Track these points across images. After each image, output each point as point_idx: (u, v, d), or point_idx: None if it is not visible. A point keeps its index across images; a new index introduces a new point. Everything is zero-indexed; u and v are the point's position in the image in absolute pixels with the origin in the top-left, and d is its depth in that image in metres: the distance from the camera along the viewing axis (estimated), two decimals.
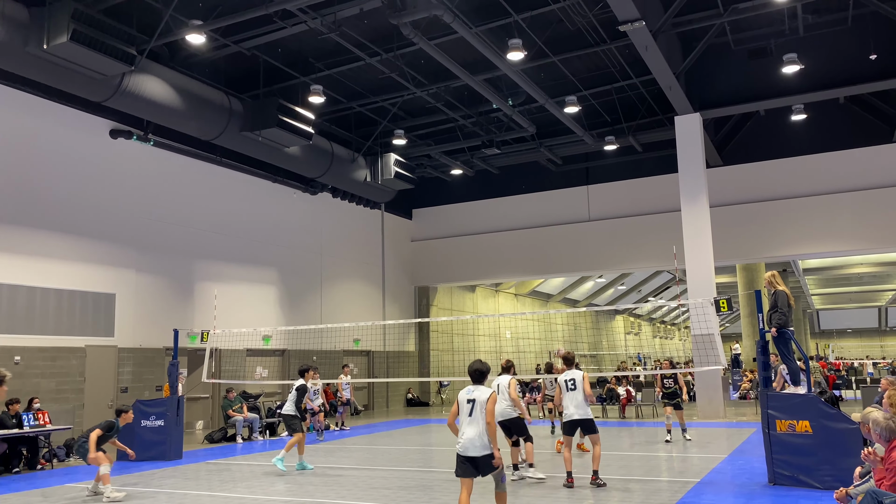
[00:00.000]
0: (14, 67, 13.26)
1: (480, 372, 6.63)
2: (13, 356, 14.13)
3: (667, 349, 61.63)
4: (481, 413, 6.37)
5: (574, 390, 9.50)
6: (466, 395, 6.56)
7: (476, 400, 6.44)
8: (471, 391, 6.55)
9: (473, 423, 6.38)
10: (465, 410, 6.48)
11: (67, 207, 15.48)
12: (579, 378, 9.55)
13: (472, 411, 6.44)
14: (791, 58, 16.95)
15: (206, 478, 10.85)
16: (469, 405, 6.46)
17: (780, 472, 8.89)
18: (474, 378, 6.64)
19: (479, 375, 6.62)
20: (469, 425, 6.39)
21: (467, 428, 6.40)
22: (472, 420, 6.40)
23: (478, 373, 6.62)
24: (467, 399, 6.50)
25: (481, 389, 6.52)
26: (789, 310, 9.51)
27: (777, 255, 22.20)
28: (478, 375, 6.62)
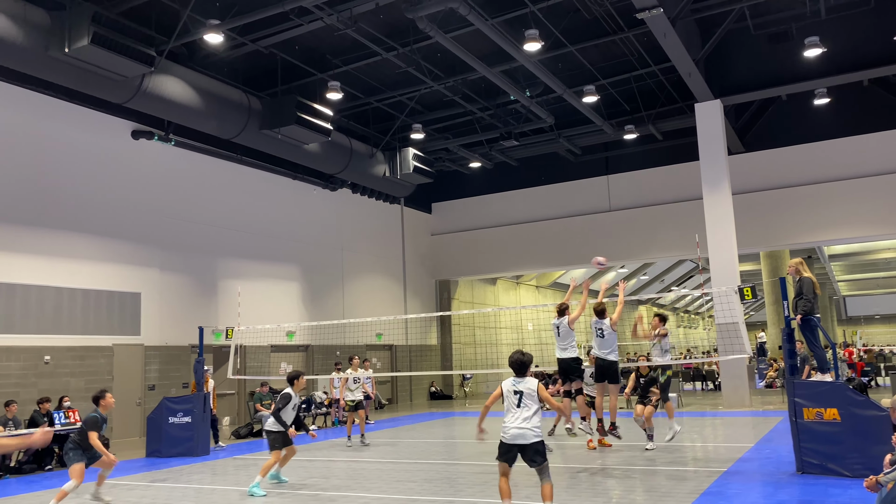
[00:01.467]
0: (37, 71, 13.45)
1: (522, 363, 6.74)
2: (43, 356, 14.39)
3: (691, 338, 61.17)
4: (533, 401, 6.53)
5: (602, 337, 10.24)
6: (512, 386, 6.66)
7: (524, 391, 6.58)
8: (516, 382, 6.66)
9: (524, 411, 6.51)
10: (512, 401, 6.60)
11: (92, 208, 15.70)
12: (607, 325, 10.40)
13: (521, 401, 6.57)
14: (813, 41, 16.69)
15: (233, 473, 10.98)
16: (517, 396, 6.59)
17: (808, 460, 8.80)
18: (517, 370, 6.74)
19: (520, 366, 6.74)
20: (518, 415, 6.52)
21: (514, 418, 6.52)
22: (522, 409, 6.53)
23: (519, 363, 6.74)
24: (514, 390, 6.61)
25: (528, 380, 6.65)
26: (815, 297, 9.40)
27: (801, 242, 21.92)
28: (519, 366, 6.74)
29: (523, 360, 6.73)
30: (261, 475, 9.15)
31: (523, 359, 6.74)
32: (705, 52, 17.52)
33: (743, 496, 7.74)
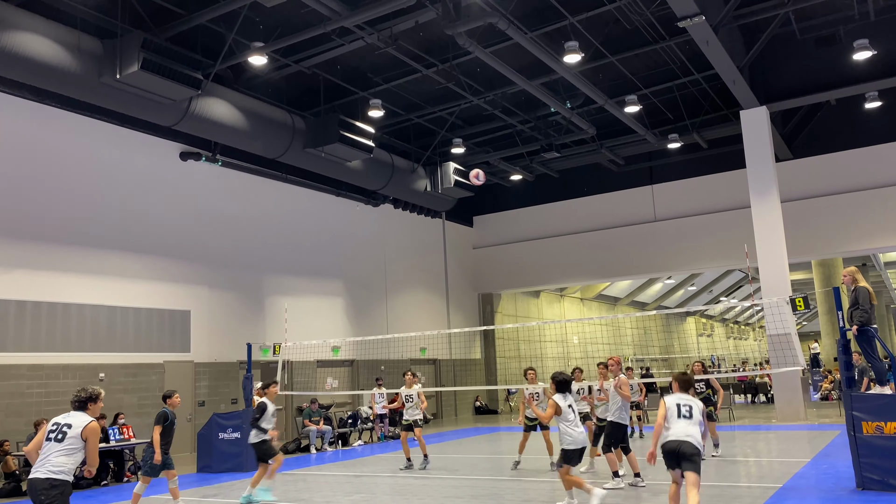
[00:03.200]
0: (90, 97, 13.93)
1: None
2: (98, 373, 14.79)
3: (741, 350, 59.76)
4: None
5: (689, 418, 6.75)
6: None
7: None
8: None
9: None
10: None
11: (143, 229, 16.13)
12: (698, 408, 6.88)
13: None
14: (862, 44, 16.28)
15: (282, 489, 11.08)
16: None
17: (868, 476, 8.49)
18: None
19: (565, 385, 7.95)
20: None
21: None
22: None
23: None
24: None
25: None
26: (871, 307, 9.11)
27: (855, 250, 21.28)
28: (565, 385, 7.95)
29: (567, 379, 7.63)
30: (251, 487, 9.23)
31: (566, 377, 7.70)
32: (750, 59, 17.22)
33: None
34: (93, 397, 5.99)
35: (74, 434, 5.66)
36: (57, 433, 5.67)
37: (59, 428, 5.70)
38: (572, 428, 7.86)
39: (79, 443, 5.66)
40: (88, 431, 5.69)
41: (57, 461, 5.57)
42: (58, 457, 5.58)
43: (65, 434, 5.65)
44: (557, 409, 7.87)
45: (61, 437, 5.65)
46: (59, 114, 14.81)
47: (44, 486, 5.49)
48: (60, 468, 5.56)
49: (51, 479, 5.50)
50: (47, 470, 5.53)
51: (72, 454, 5.63)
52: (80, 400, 5.95)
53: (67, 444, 5.62)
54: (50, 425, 5.76)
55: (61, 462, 5.57)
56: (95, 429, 5.73)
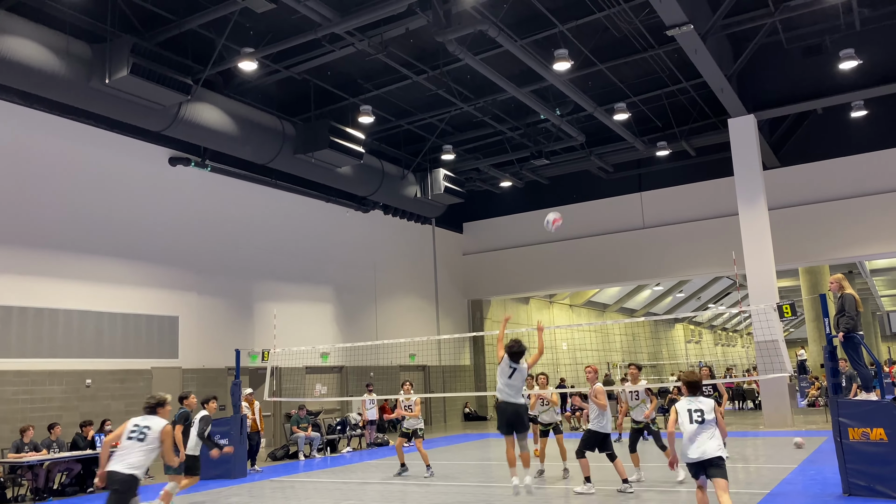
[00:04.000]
0: (78, 102, 13.88)
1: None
2: (85, 379, 14.68)
3: (729, 357, 60.03)
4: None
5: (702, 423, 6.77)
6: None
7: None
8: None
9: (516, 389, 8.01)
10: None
11: (131, 234, 16.05)
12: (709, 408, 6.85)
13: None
14: (848, 53, 16.46)
15: (270, 495, 11.03)
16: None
17: (854, 482, 8.56)
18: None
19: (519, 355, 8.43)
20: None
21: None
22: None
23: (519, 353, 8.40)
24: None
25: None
26: (857, 314, 9.18)
27: (841, 257, 21.47)
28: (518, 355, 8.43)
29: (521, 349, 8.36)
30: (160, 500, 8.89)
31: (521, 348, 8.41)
32: (737, 67, 17.38)
33: None
34: (161, 403, 6.75)
35: (154, 436, 6.47)
36: (138, 433, 6.45)
37: (140, 429, 6.48)
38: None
39: (157, 443, 6.48)
40: (164, 434, 6.53)
41: (136, 459, 6.34)
42: (138, 455, 6.36)
43: (145, 435, 6.44)
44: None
45: (142, 437, 6.43)
46: (48, 118, 14.72)
47: (122, 478, 6.26)
48: (137, 465, 6.33)
49: (132, 474, 6.30)
50: (127, 464, 6.32)
51: (150, 453, 6.44)
52: (150, 405, 6.71)
53: (148, 444, 6.43)
54: (130, 426, 6.52)
55: (139, 460, 6.35)
56: (169, 431, 6.60)
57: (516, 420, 8.43)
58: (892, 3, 16.37)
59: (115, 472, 6.30)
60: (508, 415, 8.45)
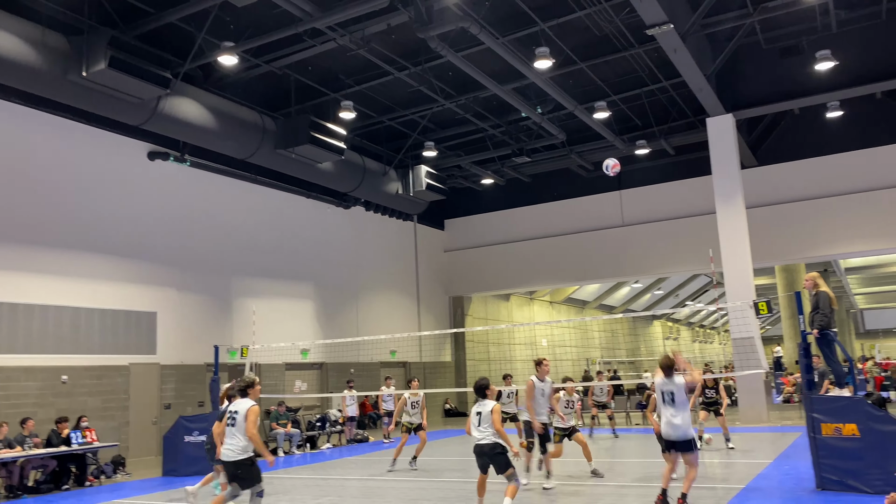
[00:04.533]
0: (55, 95, 13.69)
1: (482, 387, 8.03)
2: (61, 375, 14.52)
3: (706, 354, 60.65)
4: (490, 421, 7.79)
5: (673, 405, 7.89)
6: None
7: (482, 412, 7.85)
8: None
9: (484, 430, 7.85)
10: (664, 399, 7.94)
11: (109, 229, 15.88)
12: (679, 389, 7.90)
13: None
14: (824, 54, 16.69)
15: (246, 491, 10.97)
16: (477, 417, 7.90)
17: (827, 476, 8.71)
18: (478, 392, 8.04)
19: (481, 391, 8.06)
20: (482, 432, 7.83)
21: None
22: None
23: (480, 388, 8.06)
24: (476, 412, 7.92)
25: (486, 403, 7.90)
26: (832, 311, 9.34)
27: (817, 255, 21.79)
28: (480, 391, 8.06)
29: (482, 385, 8.04)
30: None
31: (483, 383, 8.06)
32: (716, 67, 17.55)
33: None
34: (251, 384, 7.26)
35: (242, 417, 6.99)
36: (231, 419, 7.06)
37: (231, 414, 7.10)
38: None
39: (245, 423, 6.95)
40: (249, 412, 7.02)
41: (234, 442, 6.97)
42: (238, 439, 6.96)
43: (235, 419, 7.02)
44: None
45: (233, 422, 7.03)
46: (23, 111, 14.51)
47: (237, 464, 6.91)
48: (240, 449, 6.94)
49: (237, 460, 6.93)
50: (227, 450, 7.00)
51: (244, 434, 6.95)
52: (241, 388, 7.23)
53: (240, 426, 6.97)
54: (228, 413, 7.14)
55: (240, 444, 6.95)
56: (255, 410, 7.07)
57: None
58: (867, 5, 16.63)
59: (226, 464, 7.01)
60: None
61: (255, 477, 7.11)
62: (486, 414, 7.84)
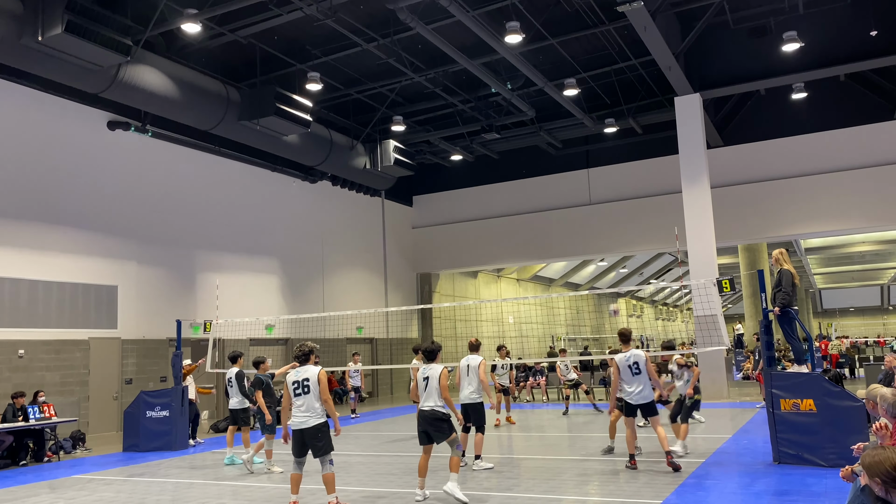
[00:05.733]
0: (9, 60, 13.19)
1: (432, 351, 8.20)
2: (17, 349, 14.17)
3: (669, 331, 61.70)
4: (436, 387, 7.86)
5: (639, 374, 8.93)
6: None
7: (430, 377, 7.92)
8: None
9: (429, 396, 7.88)
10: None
11: (67, 200, 15.45)
12: (643, 360, 8.98)
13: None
14: (791, 35, 16.82)
15: (212, 467, 10.89)
16: (425, 382, 7.94)
17: (784, 450, 8.91)
18: (427, 357, 8.20)
19: (431, 354, 8.18)
20: (427, 398, 7.88)
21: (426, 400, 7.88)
22: (427, 394, 7.90)
23: (430, 352, 8.20)
24: (423, 377, 7.98)
25: (434, 367, 8.01)
26: (793, 289, 9.48)
27: (779, 235, 22.16)
28: (430, 354, 8.19)
29: (432, 349, 8.19)
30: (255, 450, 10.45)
31: (433, 347, 8.22)
32: (685, 46, 17.61)
33: (721, 486, 7.81)
34: (312, 351, 7.41)
35: (314, 383, 7.20)
36: (302, 388, 7.20)
37: (301, 383, 7.23)
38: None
39: (318, 388, 7.19)
40: (321, 378, 7.23)
41: (310, 409, 7.17)
42: (314, 404, 7.17)
43: (308, 387, 7.19)
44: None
45: (307, 389, 7.19)
46: None
47: (316, 428, 7.13)
48: (316, 412, 7.17)
49: (314, 425, 7.14)
50: (304, 417, 7.16)
51: (319, 398, 7.20)
52: (303, 354, 7.35)
53: (315, 392, 7.19)
54: (291, 384, 7.25)
55: (316, 409, 7.17)
56: (324, 375, 7.29)
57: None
58: None
59: (304, 428, 7.13)
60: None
61: (330, 442, 7.23)
62: (433, 379, 7.86)
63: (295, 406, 7.23)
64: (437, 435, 7.71)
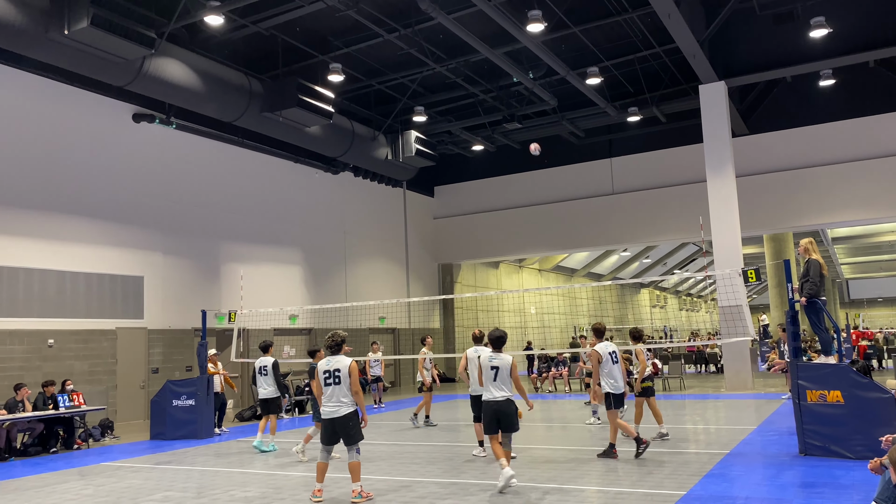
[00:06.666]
0: (37, 54, 13.36)
1: (501, 339, 7.99)
2: (47, 339, 14.43)
3: (693, 321, 61.22)
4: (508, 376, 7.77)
5: (617, 363, 9.52)
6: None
7: (500, 366, 7.75)
8: (493, 358, 7.84)
9: (501, 385, 7.74)
10: (489, 375, 7.80)
11: (94, 192, 15.66)
12: (617, 352, 9.66)
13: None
14: (818, 21, 16.51)
15: (237, 455, 11.03)
16: (493, 371, 7.74)
17: (811, 442, 8.81)
18: (495, 344, 7.98)
19: (499, 342, 7.98)
20: (497, 388, 7.73)
21: (496, 390, 7.73)
22: (497, 383, 7.74)
23: (499, 340, 7.98)
24: (491, 365, 7.76)
25: (504, 356, 7.82)
26: (821, 279, 9.35)
27: (805, 225, 21.84)
28: (499, 342, 7.97)
29: (502, 337, 7.99)
30: (272, 434, 11.15)
31: (502, 335, 8.01)
32: (710, 33, 17.36)
33: (745, 478, 7.75)
34: (344, 340, 7.55)
35: (346, 374, 7.29)
36: (333, 378, 7.31)
37: (332, 374, 7.33)
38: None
39: (349, 379, 7.29)
40: (352, 369, 7.32)
41: (341, 399, 7.27)
42: (342, 395, 7.28)
43: (339, 377, 7.29)
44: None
45: (338, 380, 7.29)
46: (4, 70, 14.18)
47: (347, 417, 7.25)
48: (347, 402, 7.27)
49: (345, 414, 7.24)
50: (334, 407, 7.27)
51: (349, 389, 7.30)
52: (335, 343, 7.48)
53: (346, 383, 7.29)
54: (322, 374, 7.37)
55: (346, 399, 7.28)
56: (355, 366, 7.36)
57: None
58: None
59: (336, 418, 7.25)
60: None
61: (360, 430, 7.32)
62: (504, 369, 7.72)
63: (324, 395, 7.33)
64: (509, 424, 7.70)
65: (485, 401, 7.84)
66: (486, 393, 7.84)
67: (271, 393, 11.43)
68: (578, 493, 7.42)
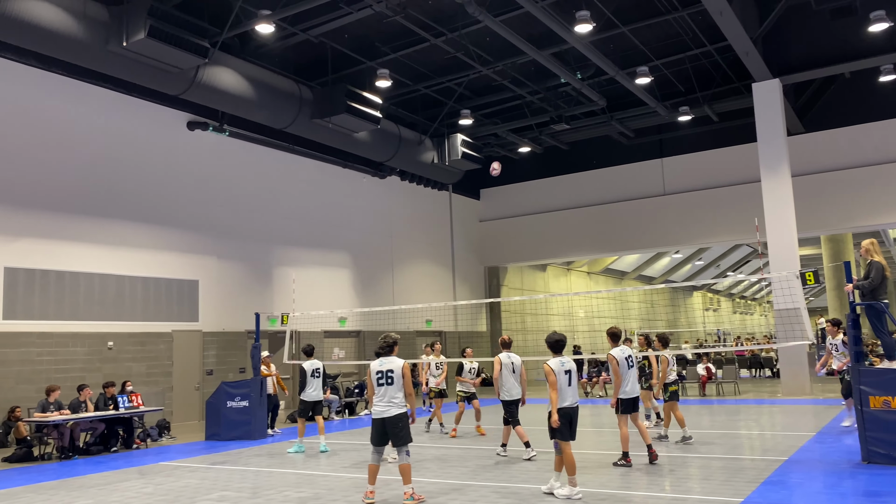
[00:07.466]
0: (96, 65, 13.83)
1: (560, 342, 7.78)
2: (106, 342, 14.89)
3: (747, 325, 59.77)
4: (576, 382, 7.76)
5: (632, 368, 9.38)
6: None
7: (572, 370, 7.71)
8: (564, 362, 7.67)
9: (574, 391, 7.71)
10: (563, 380, 7.61)
11: (151, 199, 16.12)
12: (633, 356, 9.56)
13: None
14: (878, 15, 15.96)
15: (290, 456, 11.19)
16: (567, 375, 7.64)
17: (874, 450, 8.51)
18: (557, 349, 7.77)
19: (559, 346, 7.75)
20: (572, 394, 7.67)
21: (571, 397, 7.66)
22: (572, 389, 7.69)
23: (559, 343, 7.76)
24: (564, 370, 7.64)
25: (572, 361, 7.78)
26: (884, 280, 9.03)
27: (865, 225, 21.13)
28: (558, 346, 7.75)
29: (561, 339, 7.80)
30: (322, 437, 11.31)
31: (560, 337, 7.81)
32: (763, 30, 16.96)
33: (805, 486, 7.53)
34: (396, 343, 7.69)
35: (399, 375, 7.41)
36: (386, 378, 7.41)
37: (385, 374, 7.43)
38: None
39: (402, 380, 7.43)
40: (405, 370, 7.46)
41: (393, 400, 7.36)
42: (396, 394, 7.38)
43: (392, 378, 7.39)
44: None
45: (391, 380, 7.40)
46: (65, 81, 14.73)
47: (398, 418, 7.33)
48: (399, 403, 7.37)
49: (396, 413, 7.33)
50: (387, 407, 7.34)
51: (401, 389, 7.43)
52: (387, 346, 7.62)
53: (398, 384, 7.41)
54: (375, 374, 7.45)
55: (400, 397, 7.39)
56: (407, 367, 7.49)
57: None
58: None
59: (387, 417, 7.30)
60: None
61: (409, 432, 7.42)
62: (574, 374, 7.70)
63: (376, 395, 7.42)
64: (575, 430, 7.66)
65: (565, 407, 7.54)
66: (568, 399, 7.58)
67: (320, 395, 11.82)
68: (630, 499, 7.31)
